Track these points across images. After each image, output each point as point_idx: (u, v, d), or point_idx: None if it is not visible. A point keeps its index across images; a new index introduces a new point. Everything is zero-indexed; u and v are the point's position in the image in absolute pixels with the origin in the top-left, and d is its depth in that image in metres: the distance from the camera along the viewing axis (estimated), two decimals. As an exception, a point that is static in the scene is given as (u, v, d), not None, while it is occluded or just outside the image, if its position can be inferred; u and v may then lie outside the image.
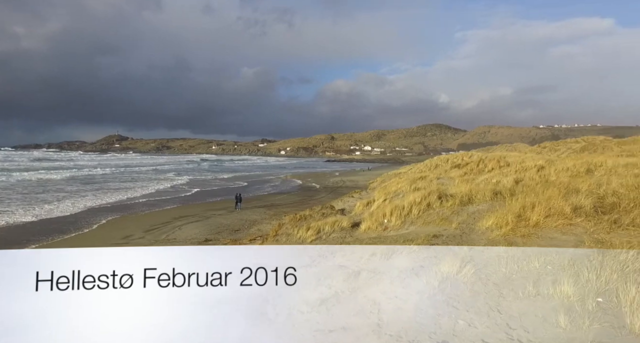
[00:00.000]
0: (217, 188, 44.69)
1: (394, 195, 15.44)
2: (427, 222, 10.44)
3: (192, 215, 24.89)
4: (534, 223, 6.73)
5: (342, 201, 21.84)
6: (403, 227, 10.72)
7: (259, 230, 18.46)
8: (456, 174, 20.30)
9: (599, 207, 6.93)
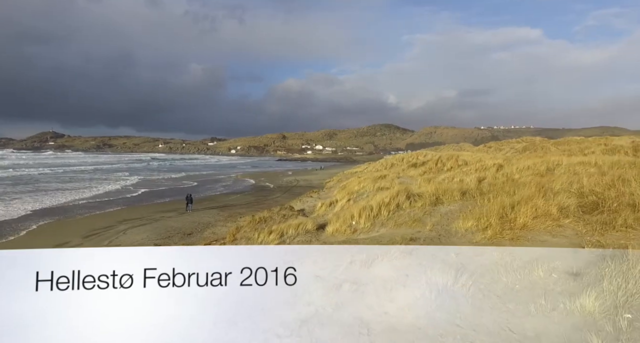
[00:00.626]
0: (165, 189, 42.37)
1: (357, 195, 14.92)
2: (398, 224, 9.94)
3: (138, 218, 23.09)
4: (521, 225, 6.37)
5: (300, 201, 21.09)
6: (373, 229, 10.16)
7: (214, 233, 17.28)
8: (415, 173, 20.21)
9: (581, 207, 6.71)
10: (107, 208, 28.04)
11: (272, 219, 14.36)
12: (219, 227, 19.20)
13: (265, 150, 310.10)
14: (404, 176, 20.22)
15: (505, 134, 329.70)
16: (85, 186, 42.33)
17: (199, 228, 19.24)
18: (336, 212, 13.67)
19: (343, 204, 14.01)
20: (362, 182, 17.96)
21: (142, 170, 74.55)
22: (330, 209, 14.63)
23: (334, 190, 23.82)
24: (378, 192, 14.77)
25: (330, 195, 21.59)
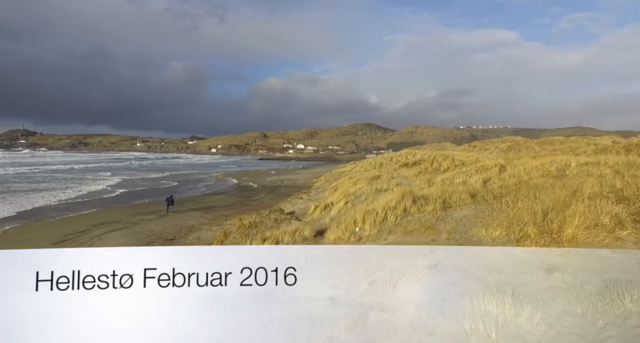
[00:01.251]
0: (145, 189, 40.58)
1: (354, 197, 13.95)
2: (407, 231, 9.00)
3: (115, 221, 21.60)
4: (569, 237, 5.49)
5: (290, 203, 20.01)
6: (380, 237, 9.19)
7: (199, 239, 16.06)
8: (410, 173, 19.39)
9: (631, 215, 5.88)
10: (82, 210, 26.36)
11: (263, 224, 13.26)
12: (203, 231, 17.95)
13: (247, 149, 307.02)
14: (399, 176, 19.37)
15: (484, 133, 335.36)
16: (61, 187, 40.22)
17: (182, 233, 17.96)
18: (333, 216, 12.68)
19: (340, 207, 13.02)
20: (356, 183, 17.02)
21: (122, 169, 72.10)
22: (326, 213, 13.62)
23: (325, 191, 22.82)
24: (377, 194, 13.85)
25: (322, 196, 20.58)
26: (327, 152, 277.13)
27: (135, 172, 67.22)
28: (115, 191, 37.47)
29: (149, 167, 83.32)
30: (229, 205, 29.64)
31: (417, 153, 32.92)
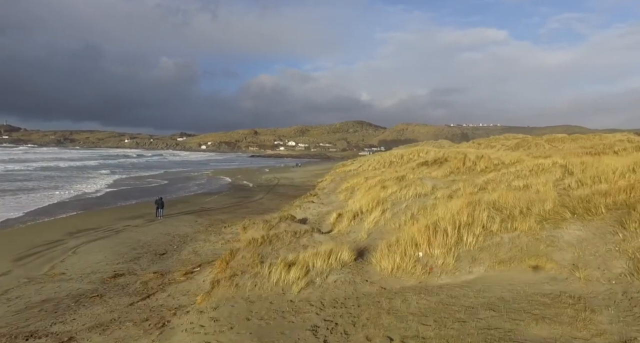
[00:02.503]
0: (131, 188, 37.41)
1: (391, 204, 11.28)
2: (500, 259, 6.36)
3: (96, 228, 18.63)
4: None
5: (300, 208, 17.26)
6: (461, 268, 6.53)
7: (195, 254, 13.22)
8: (438, 173, 16.80)
9: None
10: (59, 213, 23.29)
11: (279, 239, 10.52)
12: (200, 242, 15.10)
13: (237, 146, 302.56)
14: (426, 177, 16.74)
15: (475, 131, 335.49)
16: (43, 186, 36.90)
17: (174, 244, 15.09)
18: (371, 229, 9.99)
19: (377, 218, 10.34)
20: (384, 185, 14.35)
21: (109, 166, 68.49)
22: (357, 224, 10.91)
23: (337, 193, 20.12)
24: (419, 199, 11.21)
25: (336, 200, 17.88)
26: (318, 150, 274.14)
27: (122, 169, 63.76)
28: (99, 191, 34.29)
29: (136, 165, 79.76)
30: (225, 207, 26.77)
31: (430, 150, 30.32)
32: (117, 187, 38.76)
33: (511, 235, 6.79)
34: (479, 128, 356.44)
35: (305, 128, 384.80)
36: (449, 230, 7.22)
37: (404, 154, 30.64)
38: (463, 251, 6.78)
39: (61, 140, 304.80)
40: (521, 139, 51.75)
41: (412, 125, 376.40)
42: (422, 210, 9.59)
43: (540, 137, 50.81)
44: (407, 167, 23.35)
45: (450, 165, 18.26)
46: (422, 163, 22.53)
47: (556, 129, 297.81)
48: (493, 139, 60.46)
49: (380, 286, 6.54)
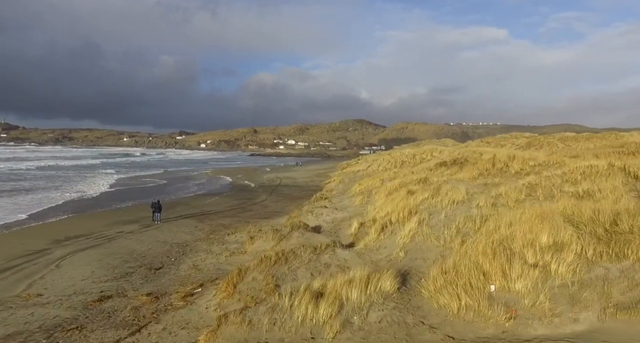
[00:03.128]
0: (127, 189, 35.65)
1: (427, 213, 9.59)
2: (618, 303, 4.64)
3: (86, 235, 16.92)
4: None
5: (312, 214, 15.54)
6: (561, 312, 4.82)
7: (196, 269, 11.51)
8: (464, 176, 15.09)
9: None
10: (48, 217, 21.57)
11: (297, 256, 8.82)
12: (201, 253, 13.39)
13: (236, 144, 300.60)
14: (452, 180, 15.04)
15: (474, 130, 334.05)
16: (43, 187, 35.16)
17: (171, 256, 13.38)
18: (407, 245, 8.31)
19: (413, 230, 8.66)
20: (412, 190, 12.66)
21: (106, 166, 66.72)
22: (387, 237, 9.22)
23: (350, 196, 18.43)
24: (460, 208, 9.53)
25: (350, 204, 16.20)
26: (318, 148, 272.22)
27: (125, 168, 62.00)
28: (97, 192, 32.51)
29: (138, 163, 77.98)
30: (227, 210, 25.07)
31: (443, 150, 28.66)
32: (114, 187, 37.05)
33: (621, 266, 5.10)
34: (479, 126, 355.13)
35: (305, 126, 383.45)
36: (527, 254, 5.54)
37: (415, 154, 28.94)
38: (556, 287, 5.10)
39: (60, 139, 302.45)
40: (532, 137, 50.08)
41: (412, 124, 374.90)
42: (470, 223, 7.94)
43: (552, 135, 49.05)
44: (422, 167, 21.65)
45: (475, 166, 16.56)
46: (439, 164, 20.83)
47: (556, 127, 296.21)
48: (501, 137, 58.68)
49: (445, 334, 4.86)
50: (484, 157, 17.39)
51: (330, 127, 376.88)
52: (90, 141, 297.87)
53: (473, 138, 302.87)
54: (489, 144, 51.65)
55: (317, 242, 9.81)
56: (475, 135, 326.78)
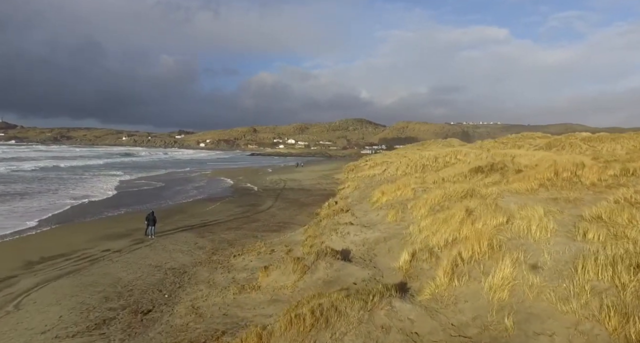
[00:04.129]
0: (121, 193, 32.90)
1: (517, 247, 6.92)
2: None
3: (66, 255, 14.26)
4: None
5: (337, 233, 12.80)
6: None
7: (196, 314, 8.79)
8: (519, 187, 12.45)
9: None
10: (29, 229, 18.87)
11: (340, 314, 6.14)
12: (202, 286, 10.69)
13: (236, 144, 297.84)
14: (506, 192, 12.38)
15: (475, 129, 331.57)
16: (39, 190, 32.50)
17: (164, 290, 10.69)
18: (504, 301, 5.64)
19: (508, 276, 5.98)
20: (469, 208, 9.97)
21: (102, 167, 63.96)
22: (466, 283, 6.51)
23: (374, 207, 15.76)
24: (555, 237, 6.87)
25: (379, 219, 13.50)
26: (318, 148, 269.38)
27: (117, 170, 59.24)
28: (81, 198, 29.78)
29: (132, 164, 75.20)
30: (230, 219, 22.39)
31: (469, 152, 26.01)
32: (102, 191, 34.30)
33: None
34: (480, 126, 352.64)
35: (305, 126, 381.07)
36: None
37: (437, 156, 26.26)
38: None
39: (58, 138, 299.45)
40: (551, 138, 47.29)
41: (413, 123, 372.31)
42: (605, 271, 5.29)
43: (573, 135, 46.34)
44: (452, 174, 18.98)
45: (526, 175, 13.93)
46: (474, 169, 18.17)
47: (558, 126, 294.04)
48: (515, 137, 55.80)
49: None
50: (545, 163, 14.74)
51: (330, 127, 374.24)
52: (89, 140, 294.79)
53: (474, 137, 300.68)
54: (504, 144, 48.92)
55: (354, 277, 7.19)
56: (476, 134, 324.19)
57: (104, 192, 33.51)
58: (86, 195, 30.75)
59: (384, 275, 8.87)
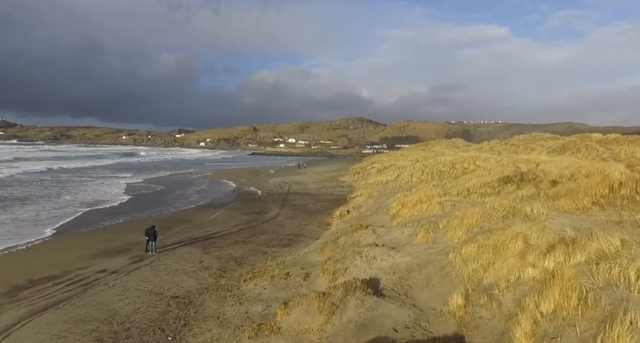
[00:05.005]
0: (123, 200, 31.46)
1: (616, 309, 5.51)
2: None
3: (56, 278, 12.83)
4: None
5: (360, 256, 11.31)
6: None
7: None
8: (567, 205, 11.04)
9: None
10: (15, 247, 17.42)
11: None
12: (210, 323, 9.23)
13: (236, 143, 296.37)
14: (556, 213, 10.94)
15: (476, 128, 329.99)
16: (37, 195, 31.07)
17: (167, 329, 9.22)
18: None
19: None
20: (526, 236, 8.53)
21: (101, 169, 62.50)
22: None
23: (397, 223, 14.31)
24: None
25: (407, 239, 12.05)
26: (319, 147, 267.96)
27: (116, 171, 57.82)
28: (77, 207, 28.33)
29: (133, 165, 73.72)
30: (236, 231, 20.93)
31: (489, 158, 24.56)
32: (99, 197, 32.85)
33: None
34: (481, 125, 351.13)
35: (305, 125, 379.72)
36: None
37: (454, 162, 24.80)
38: None
39: (57, 137, 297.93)
40: (566, 140, 45.66)
41: (414, 122, 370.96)
42: None
43: (588, 137, 44.67)
44: (476, 183, 17.52)
45: (567, 188, 12.50)
46: (502, 180, 16.72)
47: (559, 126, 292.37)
48: (524, 138, 53.98)
49: None
50: (588, 174, 13.32)
51: (330, 126, 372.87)
52: (88, 139, 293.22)
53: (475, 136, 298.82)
54: (516, 146, 47.41)
55: (392, 319, 5.86)
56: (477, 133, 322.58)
57: (112, 197, 32.07)
58: (92, 202, 29.30)
59: (430, 321, 7.43)
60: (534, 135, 57.81)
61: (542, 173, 16.66)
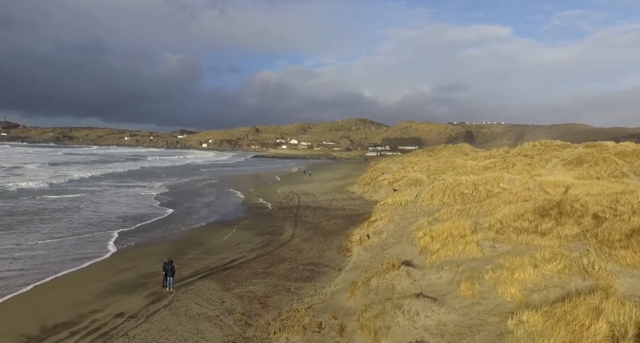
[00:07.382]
0: (133, 215, 30.64)
1: None
2: None
3: (69, 324, 12.04)
4: None
5: (401, 311, 10.38)
6: None
7: None
8: (629, 257, 10.25)
9: None
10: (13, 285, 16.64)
11: None
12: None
13: (238, 144, 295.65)
14: (618, 267, 10.12)
15: (479, 130, 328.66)
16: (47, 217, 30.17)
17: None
18: None
19: None
20: (599, 310, 7.73)
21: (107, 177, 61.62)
22: None
23: (434, 264, 13.48)
24: None
25: (447, 287, 11.23)
26: (322, 148, 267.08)
27: (123, 179, 56.99)
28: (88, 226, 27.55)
29: (140, 173, 72.82)
30: (253, 258, 20.12)
31: (513, 179, 23.67)
32: (107, 213, 32.07)
33: None
34: (483, 126, 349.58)
35: (307, 126, 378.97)
36: None
37: (476, 183, 23.95)
38: None
39: (60, 138, 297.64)
40: (582, 151, 44.54)
41: (416, 123, 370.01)
42: None
43: (605, 148, 43.13)
44: (508, 213, 16.68)
45: (619, 229, 11.68)
46: (537, 212, 15.88)
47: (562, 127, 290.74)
48: (536, 147, 52.55)
49: None
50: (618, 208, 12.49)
51: (332, 126, 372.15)
52: (91, 140, 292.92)
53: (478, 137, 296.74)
54: (530, 157, 46.45)
55: None
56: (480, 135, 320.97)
57: (107, 213, 31.28)
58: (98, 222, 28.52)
59: None
60: (544, 143, 55.61)
61: (578, 205, 15.82)
